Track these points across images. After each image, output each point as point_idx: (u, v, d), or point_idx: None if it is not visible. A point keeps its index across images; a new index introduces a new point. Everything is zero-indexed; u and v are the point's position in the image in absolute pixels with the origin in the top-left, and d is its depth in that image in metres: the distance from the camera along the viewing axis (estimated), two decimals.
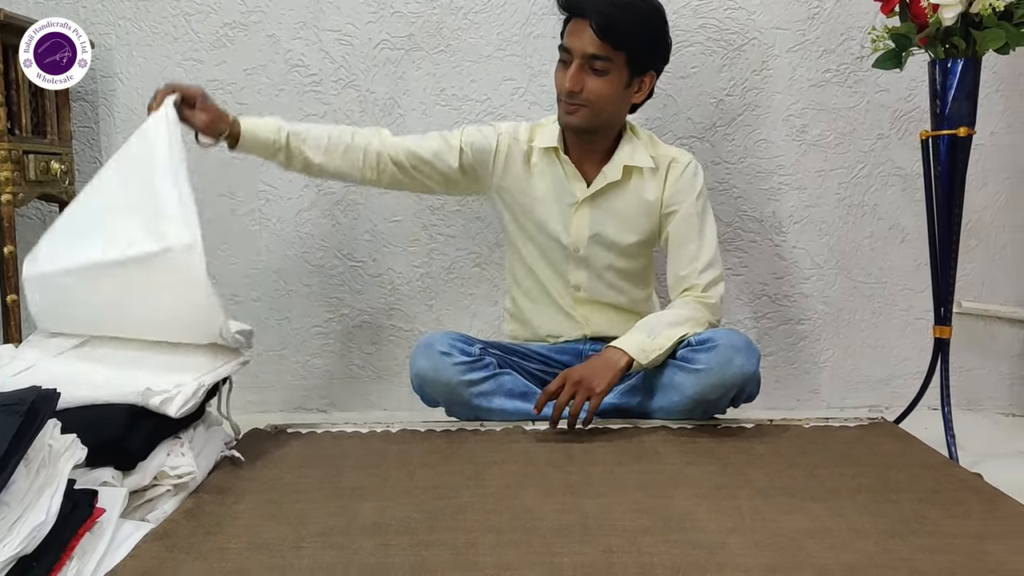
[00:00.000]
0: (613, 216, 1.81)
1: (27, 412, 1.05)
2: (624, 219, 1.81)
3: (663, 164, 1.80)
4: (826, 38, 2.13)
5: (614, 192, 1.80)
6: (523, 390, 1.75)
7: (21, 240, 1.87)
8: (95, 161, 2.18)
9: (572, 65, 1.68)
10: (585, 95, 1.69)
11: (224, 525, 1.25)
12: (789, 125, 2.16)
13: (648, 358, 1.68)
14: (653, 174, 1.80)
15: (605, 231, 1.81)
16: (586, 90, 1.69)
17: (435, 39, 2.14)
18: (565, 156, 1.80)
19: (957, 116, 1.72)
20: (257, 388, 2.19)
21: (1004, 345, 2.23)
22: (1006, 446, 1.93)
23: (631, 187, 1.80)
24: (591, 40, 1.65)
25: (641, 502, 1.32)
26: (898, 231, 2.19)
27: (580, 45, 1.67)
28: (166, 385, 1.37)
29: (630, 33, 1.66)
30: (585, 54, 1.67)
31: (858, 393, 2.25)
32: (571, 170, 1.80)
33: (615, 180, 1.78)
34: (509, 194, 1.85)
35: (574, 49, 1.68)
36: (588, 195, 1.79)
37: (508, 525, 1.24)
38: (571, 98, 1.70)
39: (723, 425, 1.73)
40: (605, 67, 1.67)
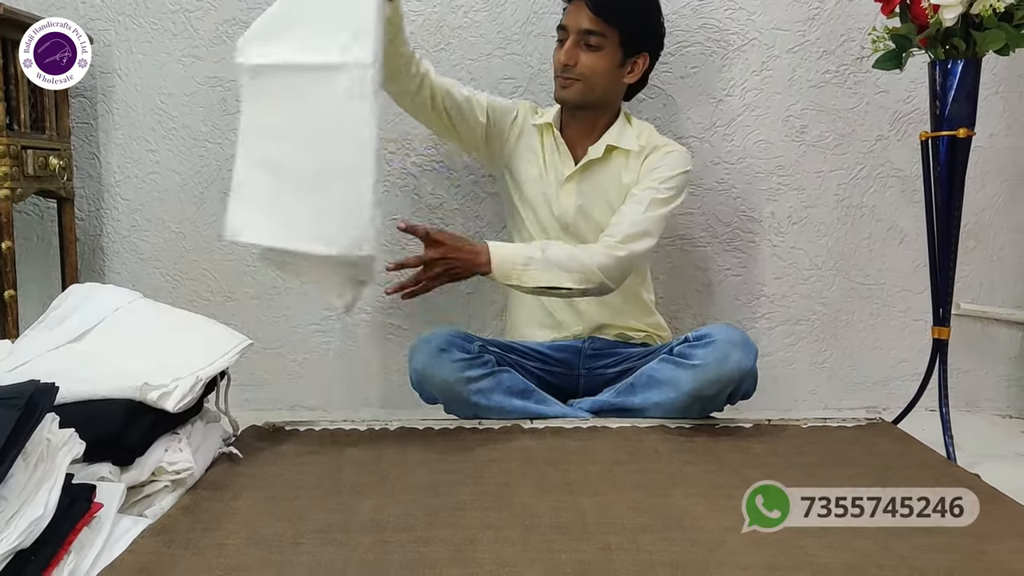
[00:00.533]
0: (597, 195, 1.84)
1: (25, 405, 1.04)
2: (607, 199, 1.83)
3: (648, 149, 1.84)
4: (826, 39, 2.13)
5: (598, 171, 1.84)
6: (522, 388, 1.75)
7: (19, 235, 1.87)
8: (93, 157, 2.18)
9: (568, 41, 1.76)
10: (579, 69, 1.76)
11: (222, 521, 1.25)
12: (789, 126, 2.17)
13: (507, 280, 1.69)
14: (636, 157, 1.83)
15: (591, 209, 1.84)
16: (580, 64, 1.76)
17: (435, 37, 2.14)
18: (559, 133, 1.86)
19: (957, 117, 1.72)
20: (256, 385, 2.19)
21: (1002, 347, 2.24)
22: (1004, 447, 1.94)
23: (613, 168, 1.84)
24: (586, 16, 1.74)
25: (639, 500, 1.32)
26: (897, 232, 2.20)
27: (575, 21, 1.76)
28: (164, 379, 1.36)
29: (624, 11, 1.75)
30: (580, 29, 1.75)
31: (856, 394, 2.25)
32: (562, 147, 1.86)
33: (596, 158, 1.82)
34: (514, 165, 1.90)
35: (570, 26, 1.77)
36: (574, 171, 1.84)
37: (507, 522, 1.24)
38: (566, 72, 1.77)
39: (721, 424, 1.73)
40: (599, 43, 1.75)
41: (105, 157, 2.18)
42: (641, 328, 1.91)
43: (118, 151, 2.18)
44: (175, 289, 2.21)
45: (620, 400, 1.76)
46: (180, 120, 2.17)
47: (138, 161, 2.18)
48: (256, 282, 2.21)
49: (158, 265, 2.21)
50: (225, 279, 2.21)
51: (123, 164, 2.18)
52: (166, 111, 2.17)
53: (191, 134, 2.17)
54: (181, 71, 2.15)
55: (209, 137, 2.17)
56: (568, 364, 1.87)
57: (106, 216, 2.20)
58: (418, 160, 2.17)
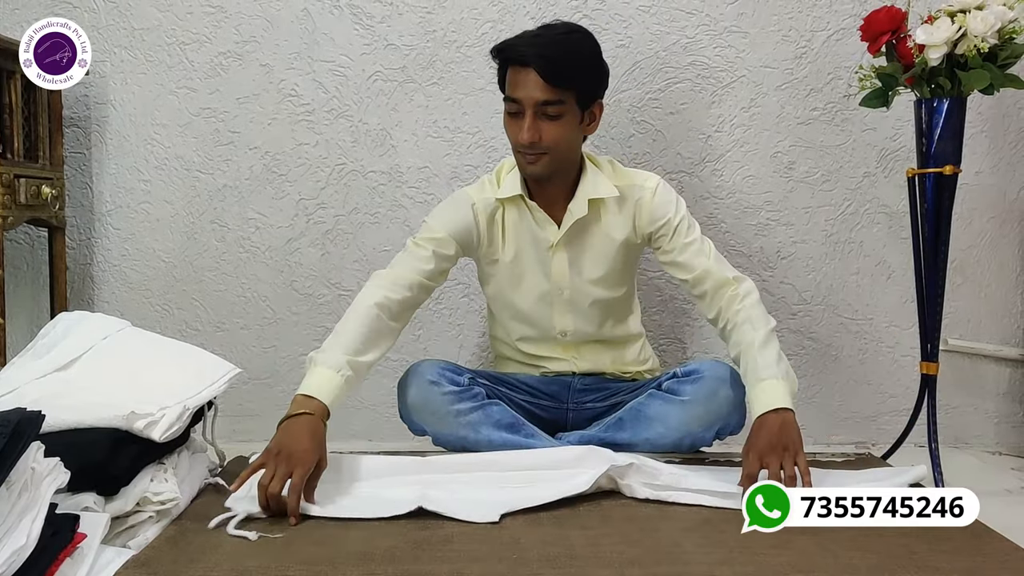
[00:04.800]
0: (588, 250, 1.78)
1: (11, 434, 1.03)
2: (598, 251, 1.78)
3: (630, 195, 1.76)
4: (814, 77, 2.16)
5: (584, 227, 1.76)
6: (511, 421, 1.74)
7: (9, 264, 1.87)
8: (85, 187, 2.18)
9: (526, 116, 1.62)
10: (545, 143, 1.63)
11: (207, 553, 1.23)
12: (777, 162, 2.19)
13: (795, 389, 1.58)
14: (620, 205, 1.76)
15: (583, 267, 1.79)
16: (545, 138, 1.63)
17: (428, 71, 2.16)
18: (532, 202, 1.75)
19: (943, 155, 1.75)
20: (243, 417, 2.18)
21: (990, 383, 2.24)
22: (993, 484, 1.93)
23: (600, 219, 1.77)
24: (539, 87, 1.60)
25: (628, 534, 1.31)
26: (885, 268, 2.21)
27: (529, 94, 1.61)
28: (150, 408, 1.35)
29: (575, 71, 1.62)
30: (536, 102, 1.61)
31: (845, 429, 2.25)
32: (540, 215, 1.76)
33: (582, 216, 1.74)
34: (491, 255, 1.81)
35: (524, 99, 1.62)
36: (561, 235, 1.76)
37: (494, 555, 1.23)
38: (532, 148, 1.64)
39: (710, 459, 1.72)
40: (559, 111, 1.62)
41: (97, 186, 2.19)
42: (631, 367, 1.90)
43: (110, 180, 2.19)
44: (164, 319, 2.21)
45: (608, 435, 1.75)
46: (173, 151, 2.18)
47: (130, 191, 2.19)
48: (246, 312, 2.21)
49: (148, 295, 2.21)
50: (215, 309, 2.21)
51: (115, 194, 2.19)
52: (159, 141, 2.18)
53: (184, 164, 2.18)
54: (175, 102, 2.16)
55: (201, 168, 2.17)
56: (557, 398, 1.86)
57: (97, 245, 2.20)
58: (409, 192, 2.18)
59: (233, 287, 2.20)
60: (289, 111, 2.17)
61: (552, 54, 1.59)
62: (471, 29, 2.15)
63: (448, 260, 1.76)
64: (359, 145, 2.17)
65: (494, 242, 1.80)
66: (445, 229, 1.75)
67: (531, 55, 1.60)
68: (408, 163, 2.16)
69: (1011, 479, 2.01)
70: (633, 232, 1.77)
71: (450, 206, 1.79)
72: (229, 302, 2.21)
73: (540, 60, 1.59)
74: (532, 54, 1.60)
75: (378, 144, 2.18)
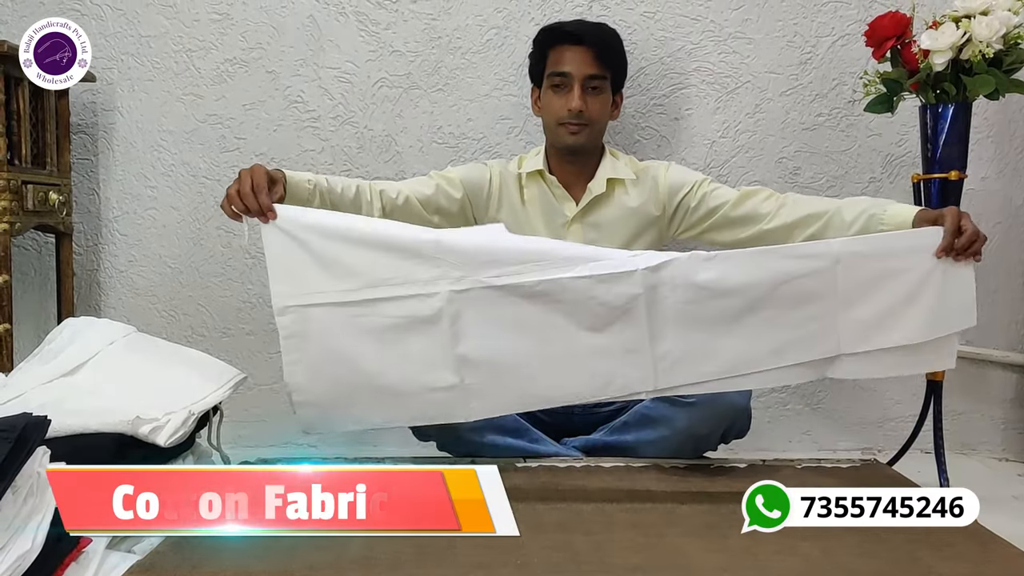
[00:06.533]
0: (603, 228, 1.84)
1: (17, 439, 1.04)
2: (613, 229, 1.83)
3: (645, 176, 1.85)
4: (819, 83, 2.16)
5: (601, 205, 1.84)
6: (515, 426, 1.74)
7: (16, 269, 1.87)
8: (93, 193, 2.19)
9: (574, 88, 1.78)
10: (588, 114, 1.78)
11: (211, 558, 1.24)
12: (782, 168, 2.19)
13: None
14: (635, 185, 1.85)
15: (598, 243, 1.81)
16: (589, 109, 1.78)
17: (433, 78, 2.17)
18: (552, 177, 1.85)
19: (948, 160, 1.74)
20: (248, 422, 2.18)
21: (997, 389, 2.23)
22: (999, 490, 1.92)
23: (615, 198, 1.85)
24: (589, 62, 1.78)
25: (632, 540, 1.31)
26: None
27: (580, 69, 1.78)
28: (156, 413, 1.36)
29: (615, 54, 1.85)
30: (586, 76, 1.78)
31: (851, 435, 2.24)
32: (560, 191, 1.85)
33: (600, 193, 1.83)
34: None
35: (574, 73, 1.78)
36: (578, 211, 1.84)
37: (498, 561, 1.23)
38: (578, 118, 1.78)
39: (715, 464, 1.72)
40: (601, 86, 1.81)
41: (104, 193, 2.20)
42: None
43: (117, 187, 2.20)
44: (170, 324, 2.21)
45: (613, 439, 1.75)
46: (180, 157, 2.19)
47: (137, 197, 2.20)
48: (252, 318, 2.21)
49: (154, 300, 2.22)
50: (221, 315, 2.21)
51: (122, 200, 2.20)
52: (166, 148, 2.18)
53: (190, 171, 2.19)
54: (182, 109, 2.17)
55: (208, 174, 2.18)
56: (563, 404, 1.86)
57: (103, 251, 2.21)
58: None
59: (239, 293, 2.20)
60: (295, 118, 2.17)
61: (601, 35, 1.83)
62: (476, 35, 2.16)
63: (449, 200, 1.81)
64: (364, 151, 2.18)
65: (518, 206, 1.86)
66: (458, 175, 1.84)
67: (585, 33, 1.81)
68: (413, 169, 2.16)
69: (1018, 485, 2.01)
70: (651, 203, 1.83)
71: (469, 165, 1.91)
72: (235, 308, 2.21)
73: (593, 38, 1.80)
74: (586, 32, 1.82)
75: (383, 150, 2.18)
